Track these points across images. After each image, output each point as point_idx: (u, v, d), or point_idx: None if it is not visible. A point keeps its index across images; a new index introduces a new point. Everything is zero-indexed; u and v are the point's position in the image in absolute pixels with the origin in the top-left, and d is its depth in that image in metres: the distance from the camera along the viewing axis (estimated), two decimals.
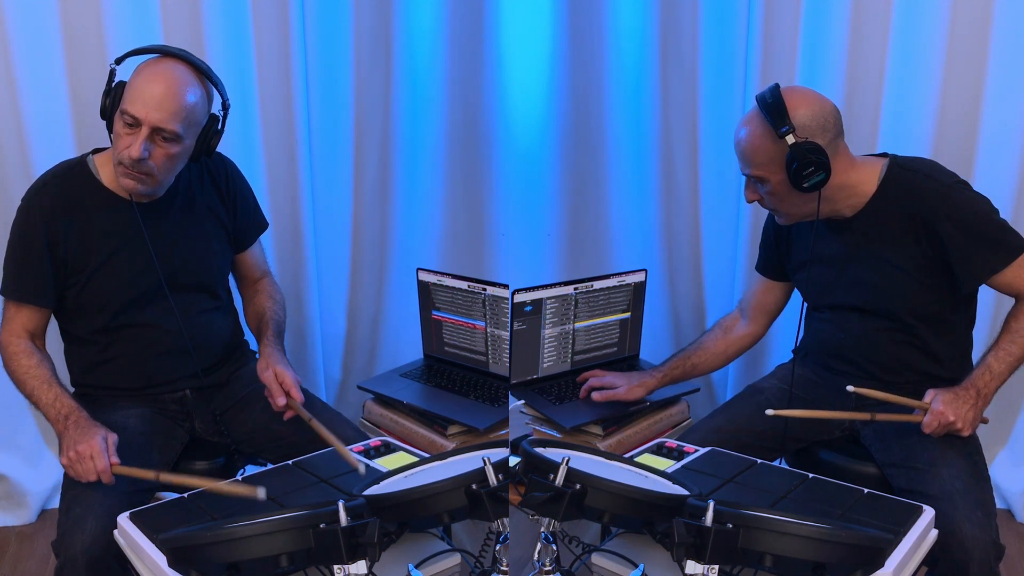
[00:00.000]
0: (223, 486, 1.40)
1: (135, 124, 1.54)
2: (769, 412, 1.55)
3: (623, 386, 1.89)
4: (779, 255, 1.87)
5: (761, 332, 1.96)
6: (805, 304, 1.86)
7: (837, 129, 1.62)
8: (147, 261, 1.67)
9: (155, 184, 1.62)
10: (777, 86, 1.62)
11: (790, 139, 1.56)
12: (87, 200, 1.65)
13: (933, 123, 2.26)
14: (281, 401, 1.64)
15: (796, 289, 1.89)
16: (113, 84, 1.59)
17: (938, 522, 1.42)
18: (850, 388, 1.59)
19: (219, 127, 1.67)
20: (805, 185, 1.57)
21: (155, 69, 1.57)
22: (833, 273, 1.74)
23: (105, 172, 1.67)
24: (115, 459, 1.49)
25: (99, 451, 1.47)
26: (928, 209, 1.60)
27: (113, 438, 1.52)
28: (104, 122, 1.61)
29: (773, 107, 1.58)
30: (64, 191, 1.65)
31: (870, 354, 1.75)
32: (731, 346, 1.96)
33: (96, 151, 1.72)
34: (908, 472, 1.59)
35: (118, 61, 1.61)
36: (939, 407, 1.55)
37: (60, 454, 1.53)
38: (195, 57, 1.62)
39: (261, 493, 1.33)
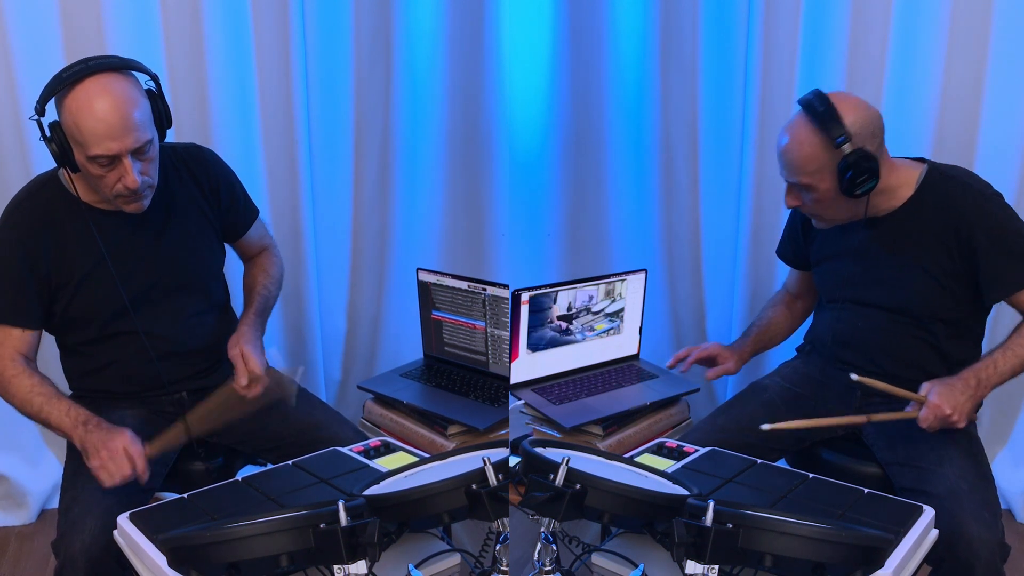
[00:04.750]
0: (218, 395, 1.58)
1: (112, 160, 1.50)
2: (765, 427, 1.54)
3: (732, 361, 1.93)
4: (805, 245, 1.87)
5: (814, 304, 1.99)
6: (818, 302, 1.87)
7: (882, 135, 1.62)
8: (131, 269, 1.65)
9: (154, 189, 1.61)
10: (821, 92, 1.61)
11: (846, 148, 1.56)
12: (63, 215, 1.62)
13: (933, 123, 2.26)
14: (243, 381, 1.63)
15: (816, 283, 1.89)
16: (49, 132, 1.51)
17: (943, 522, 1.42)
18: (854, 377, 1.57)
19: (162, 101, 1.58)
20: (857, 192, 1.58)
21: (88, 98, 1.47)
22: (857, 268, 1.73)
23: (79, 185, 1.62)
24: (147, 446, 1.51)
25: (130, 440, 1.49)
26: (964, 218, 1.61)
27: (137, 438, 1.53)
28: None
29: (825, 115, 1.57)
30: (39, 208, 1.62)
31: (884, 345, 1.73)
32: (796, 320, 2.02)
33: None
34: (912, 471, 1.59)
35: (40, 111, 1.51)
36: (935, 399, 1.54)
37: (87, 459, 1.50)
38: (100, 58, 1.53)
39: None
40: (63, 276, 1.63)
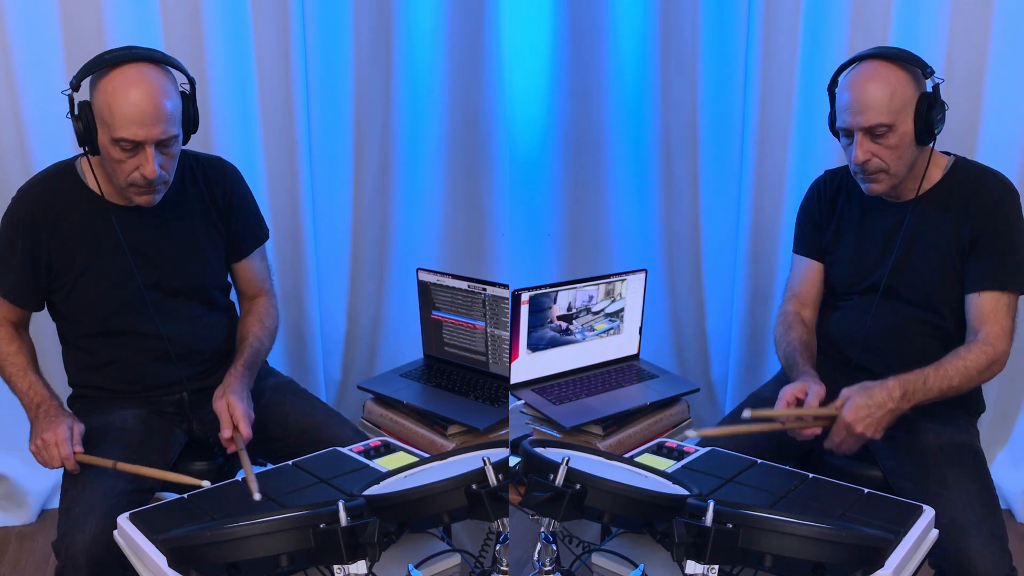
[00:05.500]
0: (173, 476, 1.51)
1: (135, 146, 1.51)
2: (690, 433, 1.52)
3: (817, 386, 1.62)
4: (825, 224, 1.81)
5: (818, 312, 1.87)
6: (824, 300, 1.84)
7: None
8: (136, 266, 1.66)
9: (168, 187, 1.62)
10: (884, 46, 1.66)
11: (929, 83, 1.59)
12: (73, 204, 1.64)
13: None
14: (227, 433, 1.60)
15: (828, 275, 1.83)
16: (76, 110, 1.53)
17: (949, 551, 1.42)
18: (746, 414, 1.51)
19: (193, 104, 1.62)
20: (935, 132, 1.60)
21: (125, 83, 1.50)
22: (876, 253, 1.72)
23: (92, 177, 1.64)
24: (79, 448, 1.53)
25: (63, 439, 1.52)
26: (987, 202, 1.62)
27: (79, 427, 1.56)
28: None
29: (904, 55, 1.60)
30: (49, 195, 1.64)
31: (896, 344, 1.70)
32: (814, 334, 1.85)
33: (85, 153, 1.66)
34: (914, 486, 1.55)
35: (75, 87, 1.54)
36: (848, 417, 1.49)
37: (29, 441, 1.57)
38: (144, 49, 1.57)
39: (205, 484, 1.44)
40: (64, 264, 1.64)
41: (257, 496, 1.39)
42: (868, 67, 1.61)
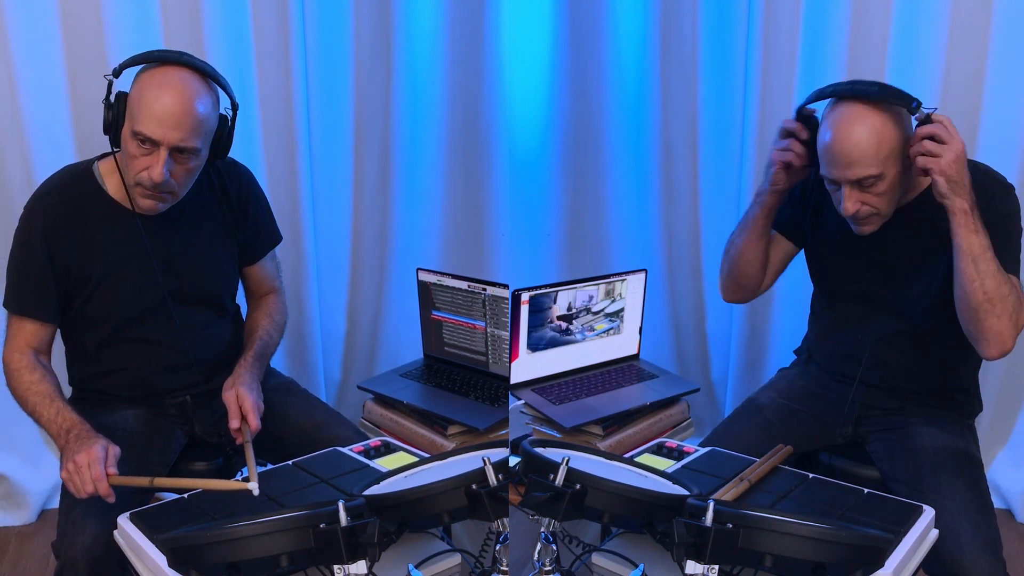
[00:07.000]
0: (217, 483, 1.42)
1: (152, 145, 1.49)
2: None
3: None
4: (803, 218, 1.75)
5: (769, 284, 1.82)
6: (814, 300, 1.81)
7: None
8: (151, 274, 1.63)
9: (175, 199, 1.58)
10: (862, 80, 1.54)
11: (919, 113, 1.48)
12: (91, 211, 1.61)
13: None
14: (235, 424, 1.58)
15: (813, 272, 1.79)
16: (112, 97, 1.52)
17: (942, 558, 1.41)
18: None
19: (230, 129, 1.61)
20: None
21: (163, 81, 1.50)
22: (864, 258, 1.67)
23: (110, 181, 1.62)
24: (112, 469, 1.42)
25: (96, 459, 1.40)
26: (980, 199, 1.52)
27: (115, 450, 1.44)
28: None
29: (892, 92, 1.49)
30: (67, 201, 1.60)
31: (885, 358, 1.68)
32: (759, 280, 1.80)
33: (102, 156, 1.66)
34: (910, 493, 1.53)
35: (116, 73, 1.53)
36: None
37: (61, 468, 1.46)
38: (197, 59, 1.57)
39: (254, 488, 1.34)
40: (83, 273, 1.61)
41: (256, 491, 1.39)
42: (850, 112, 1.49)
